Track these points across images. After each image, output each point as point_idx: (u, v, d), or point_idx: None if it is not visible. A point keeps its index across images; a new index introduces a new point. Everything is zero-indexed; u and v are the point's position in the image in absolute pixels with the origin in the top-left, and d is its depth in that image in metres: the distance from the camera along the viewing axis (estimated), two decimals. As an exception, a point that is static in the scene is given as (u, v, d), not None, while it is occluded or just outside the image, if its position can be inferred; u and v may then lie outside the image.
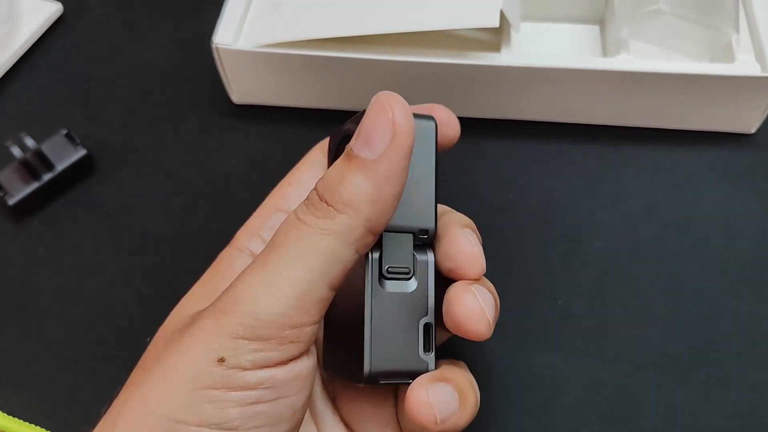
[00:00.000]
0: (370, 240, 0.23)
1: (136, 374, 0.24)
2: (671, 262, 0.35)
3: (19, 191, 0.38)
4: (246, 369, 0.21)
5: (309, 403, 0.24)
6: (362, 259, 0.24)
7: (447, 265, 0.26)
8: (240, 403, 0.21)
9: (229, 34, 0.38)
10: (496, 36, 0.39)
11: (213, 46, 0.38)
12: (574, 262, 0.35)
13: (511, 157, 0.39)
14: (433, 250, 0.26)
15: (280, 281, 0.22)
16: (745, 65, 0.36)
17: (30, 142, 0.37)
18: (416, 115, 0.24)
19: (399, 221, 0.24)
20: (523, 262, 0.36)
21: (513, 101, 0.39)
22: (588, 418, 0.31)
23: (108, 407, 0.23)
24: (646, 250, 0.36)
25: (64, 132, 0.39)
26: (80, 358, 0.34)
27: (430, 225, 0.25)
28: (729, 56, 0.37)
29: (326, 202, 0.23)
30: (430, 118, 0.25)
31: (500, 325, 0.33)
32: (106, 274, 0.36)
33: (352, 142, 0.23)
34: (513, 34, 0.38)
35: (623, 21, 0.38)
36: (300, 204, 0.23)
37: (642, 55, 0.38)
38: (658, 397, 0.31)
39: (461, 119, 0.31)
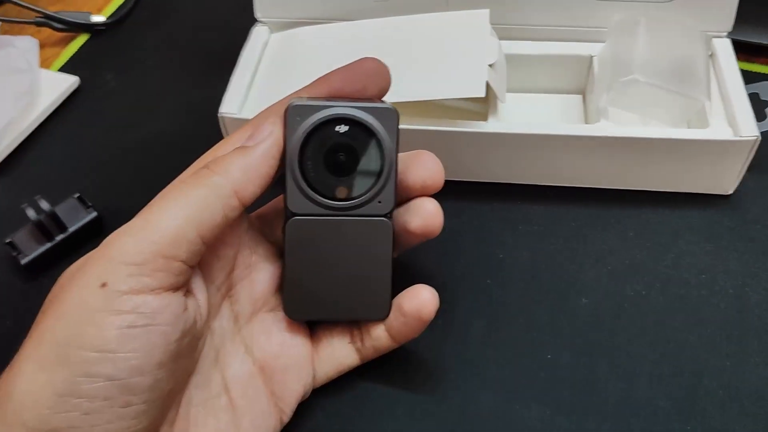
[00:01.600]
0: (236, 205, 0.28)
1: (38, 318, 0.27)
2: (655, 317, 0.37)
3: (32, 251, 0.40)
4: (124, 293, 0.25)
5: (194, 348, 0.29)
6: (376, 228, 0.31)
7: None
8: (118, 326, 0.25)
9: (235, 104, 0.41)
10: (485, 106, 0.42)
11: (219, 116, 0.41)
12: (561, 318, 0.37)
13: (500, 218, 0.41)
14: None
15: (157, 218, 0.27)
16: (718, 130, 0.38)
17: (44, 205, 0.40)
18: (379, 106, 0.30)
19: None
20: (513, 318, 0.37)
21: (501, 166, 0.41)
22: (577, 472, 0.32)
23: None
24: (630, 307, 0.37)
25: (76, 196, 0.42)
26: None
27: (391, 207, 0.31)
28: (703, 122, 0.39)
29: (206, 167, 0.28)
30: (391, 107, 0.31)
31: (490, 378, 0.35)
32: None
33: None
34: (500, 104, 0.41)
35: (602, 90, 0.40)
36: None
37: (621, 122, 0.40)
38: (645, 451, 0.32)
39: (453, 182, 0.33)
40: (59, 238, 0.40)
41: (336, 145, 0.30)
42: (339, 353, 0.33)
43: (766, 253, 0.39)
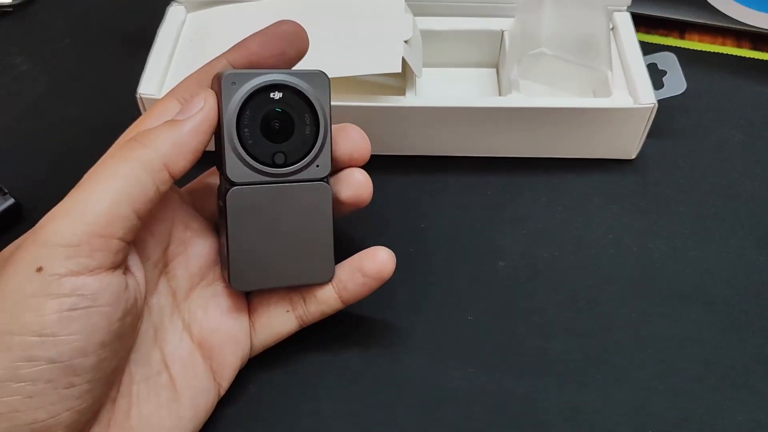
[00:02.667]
0: (167, 178, 0.28)
1: None
2: (567, 277, 0.39)
3: (-53, 242, 0.38)
4: (62, 276, 0.25)
5: (135, 325, 0.29)
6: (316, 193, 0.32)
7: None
8: (57, 310, 0.25)
9: (153, 85, 0.41)
10: (402, 81, 0.43)
11: (138, 96, 0.40)
12: (481, 282, 0.39)
13: (420, 189, 0.43)
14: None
15: (88, 197, 0.26)
16: (620, 99, 0.41)
17: (-43, 194, 0.39)
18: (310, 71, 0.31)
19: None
20: (435, 283, 0.38)
21: (419, 139, 0.43)
22: (500, 425, 0.34)
23: None
24: (544, 268, 0.39)
25: (-8, 183, 0.41)
26: None
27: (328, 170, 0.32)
28: (606, 91, 0.42)
29: (134, 140, 0.28)
30: (322, 72, 0.31)
31: (415, 341, 0.36)
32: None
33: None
34: (417, 79, 0.42)
35: (513, 63, 0.42)
36: None
37: (531, 93, 0.42)
38: (562, 401, 0.34)
39: (374, 157, 0.34)
40: (-25, 227, 0.39)
41: (272, 112, 0.30)
42: (277, 322, 0.34)
43: (665, 212, 0.42)
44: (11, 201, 0.40)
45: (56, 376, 0.25)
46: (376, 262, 0.33)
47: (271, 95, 0.30)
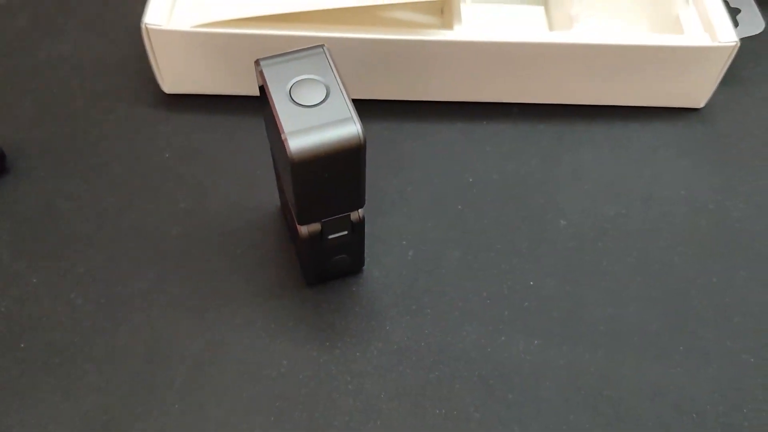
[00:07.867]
0: None
1: None
2: (638, 237, 0.34)
3: None
4: None
5: None
6: None
7: None
8: None
9: (160, 15, 0.35)
10: (440, 20, 0.38)
11: (143, 26, 0.34)
12: (541, 243, 0.34)
13: (466, 139, 0.38)
14: None
15: None
16: (695, 36, 0.36)
17: (-70, 139, 0.33)
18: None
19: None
20: (490, 245, 0.34)
21: (465, 81, 0.37)
22: (573, 403, 0.29)
23: None
24: (612, 228, 0.35)
25: (-30, 128, 0.35)
26: (4, 380, 0.29)
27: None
28: (678, 29, 0.37)
29: None
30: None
31: (471, 311, 0.32)
32: (29, 284, 0.32)
33: None
34: (462, 9, 0.37)
35: (573, -4, 0.37)
36: None
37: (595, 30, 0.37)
38: (640, 376, 0.30)
39: (415, 103, 0.29)
40: (-47, 178, 0.34)
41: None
42: None
43: (741, 166, 0.37)
44: (-6, 149, 0.35)
45: None
46: None
47: None
